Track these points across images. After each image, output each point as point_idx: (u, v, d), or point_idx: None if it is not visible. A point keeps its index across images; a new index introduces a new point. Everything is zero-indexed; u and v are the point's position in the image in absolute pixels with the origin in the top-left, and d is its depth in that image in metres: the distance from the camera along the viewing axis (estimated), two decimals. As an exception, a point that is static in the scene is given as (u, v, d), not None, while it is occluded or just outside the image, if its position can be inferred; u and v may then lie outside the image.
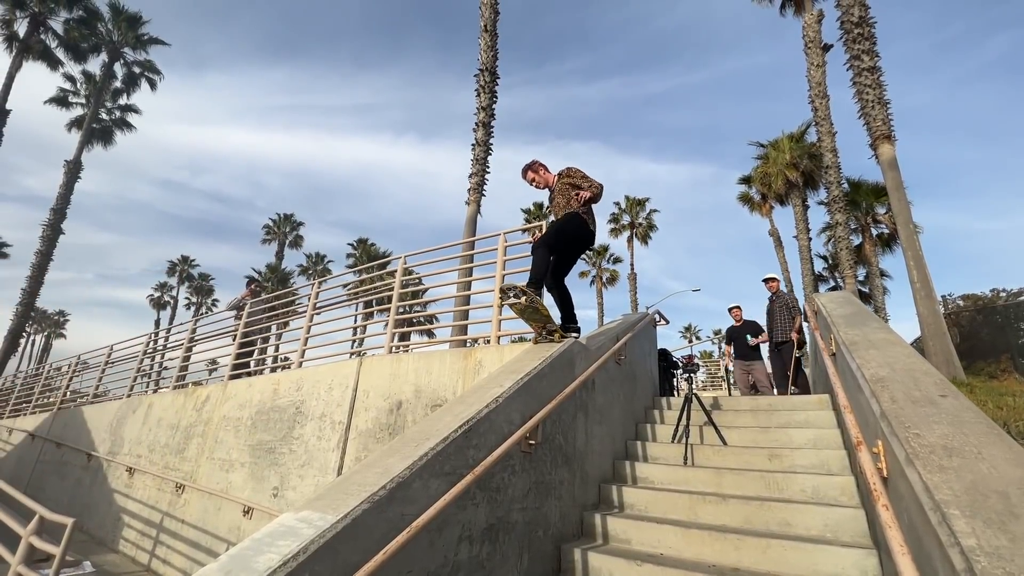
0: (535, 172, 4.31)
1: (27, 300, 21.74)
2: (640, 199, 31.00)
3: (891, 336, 3.10)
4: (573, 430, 3.57)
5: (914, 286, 10.46)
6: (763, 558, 2.72)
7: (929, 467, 1.54)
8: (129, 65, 24.01)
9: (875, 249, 20.34)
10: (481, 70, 13.89)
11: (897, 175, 11.09)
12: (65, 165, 22.47)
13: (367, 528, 1.90)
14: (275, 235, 37.88)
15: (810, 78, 15.77)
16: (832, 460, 3.50)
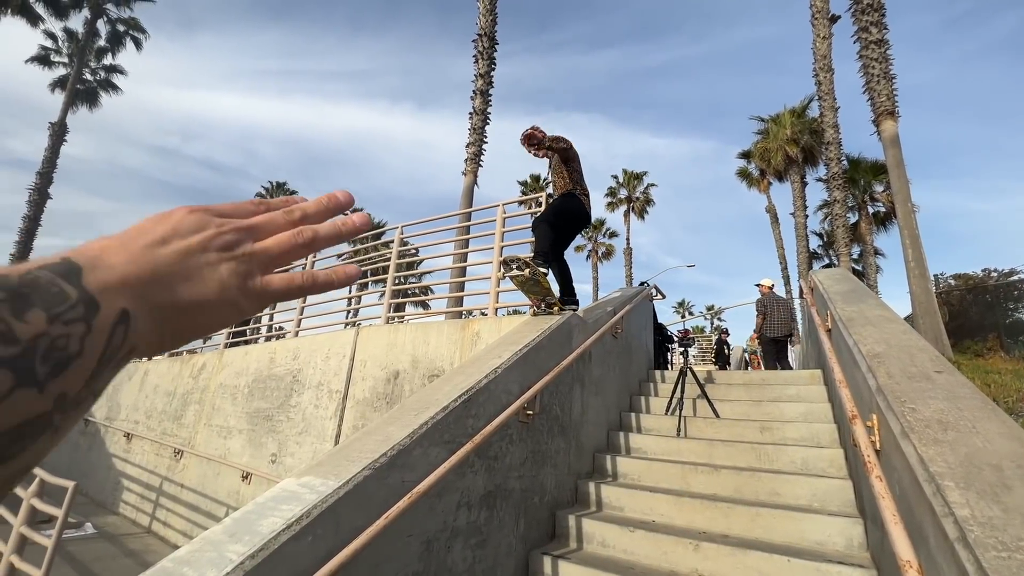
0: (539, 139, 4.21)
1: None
2: (638, 173, 30.69)
3: (888, 313, 3.13)
4: (570, 401, 3.61)
5: (908, 265, 10.53)
6: (752, 525, 2.80)
7: (924, 440, 1.56)
8: (113, 23, 23.08)
9: (871, 227, 20.38)
10: (480, 35, 13.46)
11: (898, 152, 11.00)
12: (50, 127, 21.83)
13: (368, 494, 1.93)
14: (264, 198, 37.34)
15: (815, 50, 15.43)
16: (822, 433, 3.58)
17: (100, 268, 0.22)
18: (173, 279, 0.25)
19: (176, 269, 0.25)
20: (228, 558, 1.51)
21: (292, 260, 0.30)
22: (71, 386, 0.20)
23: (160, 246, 0.25)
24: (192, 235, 0.26)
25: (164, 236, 0.26)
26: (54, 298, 0.20)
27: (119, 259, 0.23)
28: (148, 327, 0.24)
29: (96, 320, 0.21)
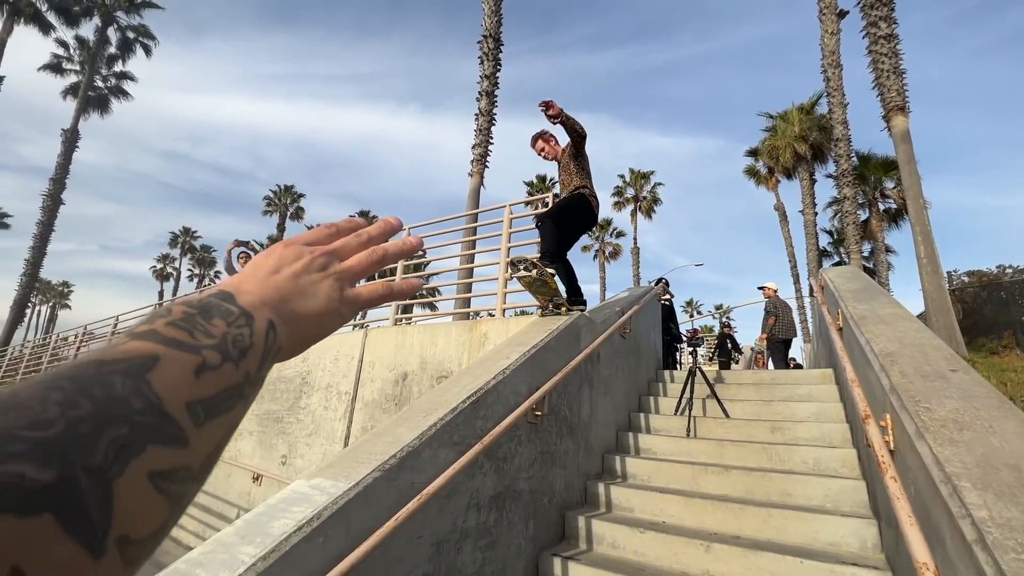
0: (546, 142, 4.18)
1: (31, 271, 21.81)
2: (644, 172, 30.59)
3: (900, 311, 3.08)
4: (578, 402, 3.60)
5: (920, 262, 10.39)
6: (764, 527, 2.78)
7: (940, 440, 1.54)
8: (123, 30, 23.40)
9: (882, 224, 20.14)
10: (484, 36, 13.49)
11: (909, 148, 10.87)
12: (63, 134, 22.16)
13: (378, 495, 1.93)
14: (276, 207, 37.64)
15: (823, 46, 15.28)
16: (834, 433, 3.54)
17: (243, 294, 0.31)
18: (292, 297, 0.33)
19: (292, 288, 0.33)
20: (240, 560, 1.52)
21: (368, 274, 0.38)
22: (251, 366, 0.28)
23: (275, 274, 0.33)
24: (295, 262, 0.34)
25: (275, 267, 0.34)
26: (226, 312, 0.28)
27: (252, 287, 0.32)
28: (284, 333, 0.31)
29: (254, 326, 0.29)
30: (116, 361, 0.22)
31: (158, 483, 0.21)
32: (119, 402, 0.20)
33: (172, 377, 0.23)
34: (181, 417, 0.22)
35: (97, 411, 0.19)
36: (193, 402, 0.23)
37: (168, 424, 0.22)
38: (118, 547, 0.19)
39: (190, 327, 0.26)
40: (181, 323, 0.26)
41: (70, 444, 0.18)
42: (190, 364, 0.24)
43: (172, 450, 0.22)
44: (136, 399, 0.21)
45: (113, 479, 0.19)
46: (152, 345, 0.23)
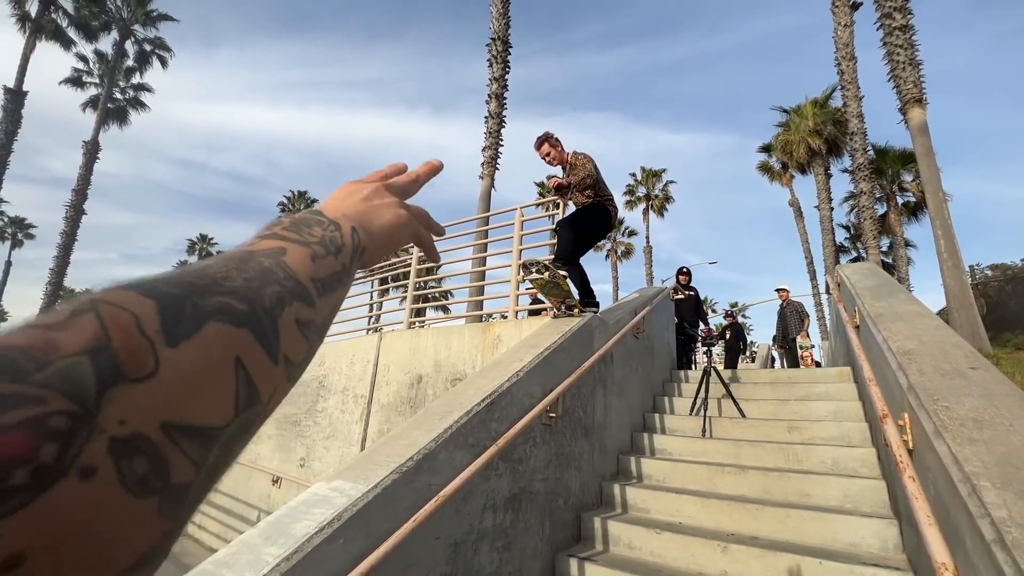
0: (552, 146, 4.12)
1: (56, 280, 22.40)
2: (656, 170, 30.38)
3: (919, 308, 3.04)
4: (592, 403, 3.61)
5: (941, 256, 10.17)
6: (782, 527, 2.76)
7: (959, 439, 1.53)
8: (140, 43, 23.95)
9: (900, 218, 19.74)
10: (493, 39, 13.53)
11: (927, 140, 10.65)
12: (83, 146, 22.75)
13: (396, 497, 1.97)
14: (290, 212, 38.07)
15: (837, 39, 15.05)
16: (853, 432, 3.49)
17: (328, 211, 0.38)
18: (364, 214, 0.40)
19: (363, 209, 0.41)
20: (264, 560, 1.57)
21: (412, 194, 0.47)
22: (345, 260, 0.35)
23: (348, 199, 0.41)
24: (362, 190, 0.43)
25: (346, 194, 0.42)
26: (319, 221, 0.36)
27: (334, 206, 0.40)
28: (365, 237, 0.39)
29: (342, 230, 0.36)
30: (260, 251, 0.30)
31: (301, 328, 0.28)
32: (271, 272, 0.28)
33: (298, 260, 0.31)
34: (309, 285, 0.30)
35: (259, 276, 0.27)
36: (315, 279, 0.31)
37: (302, 288, 0.29)
38: (284, 362, 0.26)
39: (298, 230, 0.34)
40: (292, 228, 0.34)
41: (249, 292, 0.25)
42: (306, 253, 0.32)
43: (306, 307, 0.29)
44: (280, 271, 0.29)
45: (277, 318, 0.26)
46: (278, 241, 0.31)
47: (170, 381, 0.20)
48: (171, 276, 0.23)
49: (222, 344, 0.22)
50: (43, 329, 0.18)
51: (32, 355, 0.17)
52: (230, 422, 0.22)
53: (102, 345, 0.18)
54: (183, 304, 0.22)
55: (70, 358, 0.17)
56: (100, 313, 0.19)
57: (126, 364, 0.18)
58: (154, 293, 0.21)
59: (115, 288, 0.21)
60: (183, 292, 0.22)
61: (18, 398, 0.16)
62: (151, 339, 0.20)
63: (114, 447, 0.17)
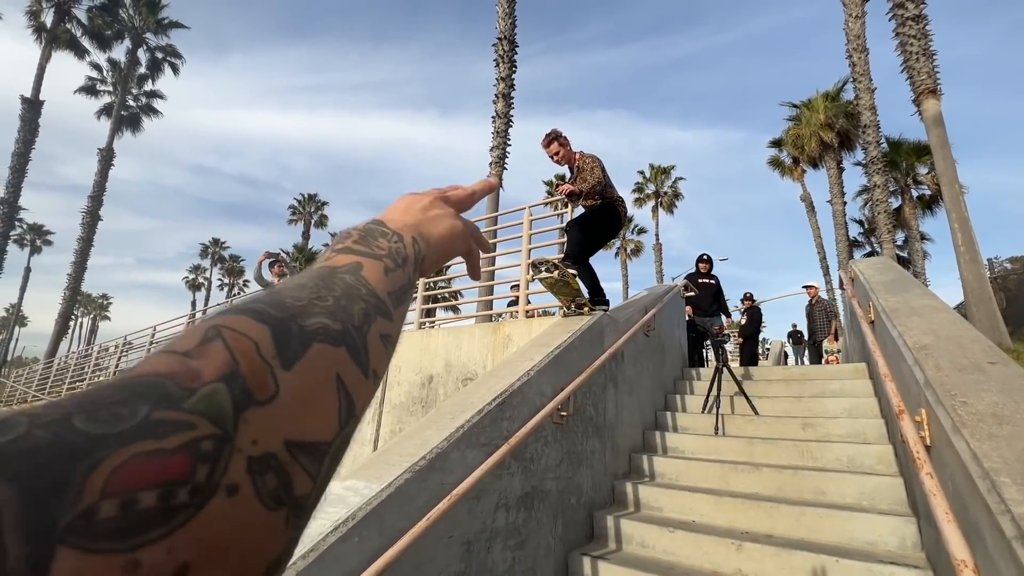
0: (561, 145, 4.06)
1: (73, 285, 22.85)
2: (665, 167, 30.18)
3: (935, 302, 2.99)
4: (603, 401, 3.60)
5: (958, 250, 9.99)
6: (797, 525, 2.73)
7: (978, 435, 1.50)
8: (152, 50, 24.32)
9: (915, 212, 19.40)
10: (499, 39, 13.54)
11: (942, 132, 10.46)
12: (99, 153, 23.16)
13: (410, 496, 1.98)
14: (301, 215, 38.49)
15: (848, 31, 14.83)
16: (869, 429, 3.45)
17: (390, 221, 0.40)
18: (423, 224, 0.42)
19: (422, 219, 0.42)
20: (281, 559, 1.59)
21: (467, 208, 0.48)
22: (410, 271, 0.36)
23: (407, 210, 0.42)
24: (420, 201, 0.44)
25: (406, 206, 0.43)
26: (383, 233, 0.37)
27: (394, 217, 0.41)
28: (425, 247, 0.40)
29: (404, 241, 0.38)
30: (340, 267, 0.32)
31: (383, 341, 0.30)
32: (355, 288, 0.30)
33: (374, 275, 0.32)
34: (387, 300, 0.32)
35: (345, 293, 0.29)
36: (390, 292, 0.33)
37: (382, 303, 0.31)
38: (373, 376, 0.28)
39: (367, 243, 0.35)
40: (361, 240, 0.35)
41: (340, 311, 0.27)
42: (380, 267, 0.33)
43: (387, 321, 0.31)
44: (362, 287, 0.30)
45: (365, 334, 0.28)
46: (353, 256, 0.33)
47: (288, 402, 0.21)
48: (272, 298, 0.25)
49: (325, 363, 0.24)
50: (182, 356, 0.20)
51: (179, 383, 0.19)
52: (336, 435, 0.24)
53: (233, 371, 0.20)
54: (290, 327, 0.24)
55: (210, 384, 0.19)
56: (226, 340, 0.21)
57: (254, 388, 0.20)
58: (265, 318, 0.23)
59: (231, 315, 0.23)
60: (288, 316, 0.24)
61: (175, 424, 0.18)
62: (269, 363, 0.22)
63: (250, 465, 0.19)
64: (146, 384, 0.19)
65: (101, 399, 0.17)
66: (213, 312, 0.24)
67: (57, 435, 0.15)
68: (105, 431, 0.16)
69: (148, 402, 0.18)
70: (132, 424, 0.17)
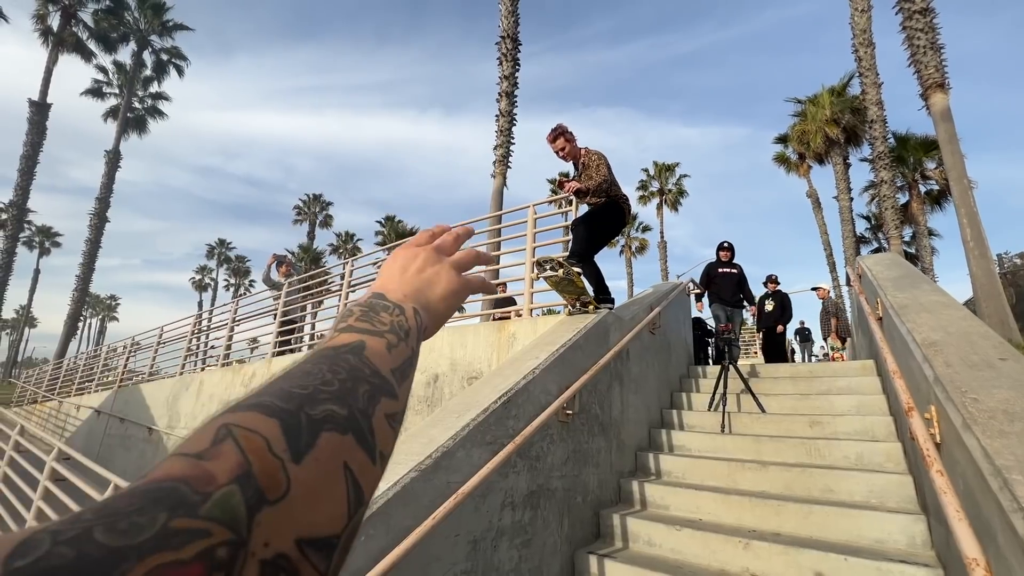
0: (567, 140, 4.05)
1: (82, 286, 23.06)
2: (669, 164, 30.06)
3: (944, 298, 2.96)
4: (609, 399, 3.59)
5: (967, 245, 9.89)
6: (805, 523, 2.72)
7: (989, 432, 1.49)
8: (157, 52, 24.47)
9: (923, 207, 19.23)
10: (502, 37, 13.52)
11: (951, 126, 10.36)
12: (105, 155, 23.34)
13: (416, 495, 1.99)
14: (305, 216, 38.64)
15: (854, 25, 14.70)
16: (877, 426, 3.42)
17: (390, 292, 0.40)
18: (422, 288, 0.42)
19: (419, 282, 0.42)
20: (288, 557, 1.59)
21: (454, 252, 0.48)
22: (413, 343, 0.37)
23: (404, 273, 0.42)
24: (415, 261, 0.44)
25: (403, 267, 0.43)
26: (384, 307, 0.38)
27: (393, 286, 0.41)
28: (425, 316, 0.40)
29: (406, 313, 0.38)
30: (342, 346, 0.32)
31: (389, 421, 0.30)
32: (359, 369, 0.30)
33: (378, 354, 0.32)
34: (391, 378, 0.32)
35: (350, 376, 0.29)
36: (393, 369, 0.33)
37: (386, 383, 0.31)
38: (380, 459, 0.28)
39: (370, 320, 0.35)
40: (364, 318, 0.35)
41: (347, 395, 0.27)
42: (383, 344, 0.34)
43: (392, 400, 0.31)
44: (366, 367, 0.31)
45: (371, 417, 0.28)
46: (356, 335, 0.33)
47: (299, 498, 0.22)
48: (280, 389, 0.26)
49: (333, 453, 0.24)
50: (195, 459, 0.21)
51: (194, 487, 0.19)
52: (345, 527, 0.24)
53: (246, 471, 0.20)
54: (299, 418, 0.24)
55: (224, 488, 0.20)
56: (237, 439, 0.22)
57: (266, 488, 0.21)
58: (274, 412, 0.24)
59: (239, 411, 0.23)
60: (296, 407, 0.24)
61: (191, 533, 0.18)
62: (280, 458, 0.22)
63: (263, 570, 0.19)
64: (163, 490, 0.19)
65: (120, 509, 0.18)
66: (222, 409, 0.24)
67: (80, 552, 0.16)
68: (125, 543, 0.16)
69: (165, 509, 0.18)
70: (151, 534, 0.17)
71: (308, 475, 0.22)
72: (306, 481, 0.22)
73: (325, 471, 0.23)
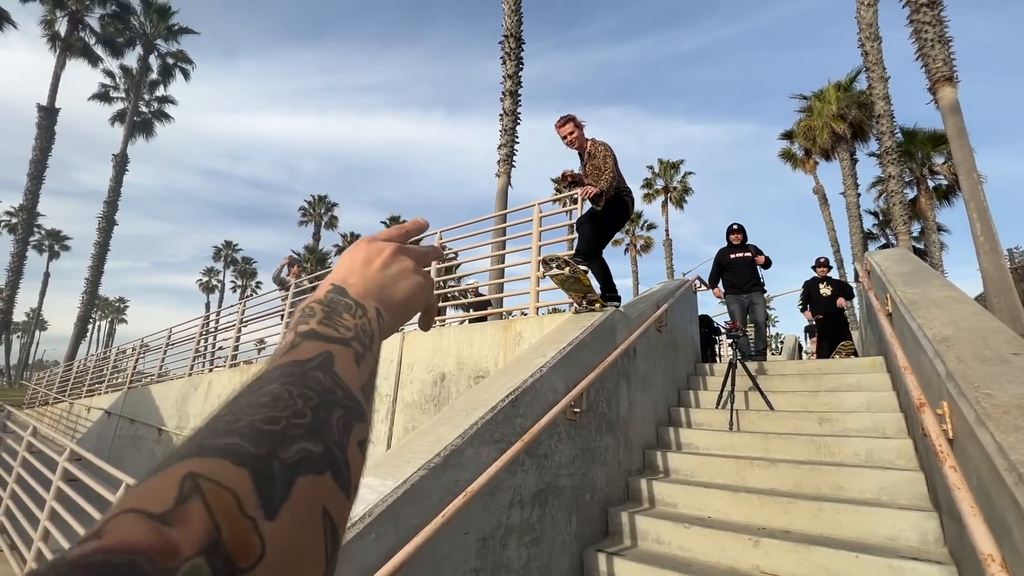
0: (577, 127, 4.00)
1: (91, 289, 23.28)
2: (674, 162, 29.94)
3: (955, 293, 2.94)
4: (616, 397, 3.58)
5: (977, 240, 9.78)
6: (815, 521, 2.70)
7: (1003, 428, 1.47)
8: (163, 56, 24.65)
9: (931, 202, 19.04)
10: (506, 36, 13.51)
11: (959, 120, 10.25)
12: (113, 159, 23.55)
13: (425, 493, 1.99)
14: (311, 217, 38.81)
15: (860, 19, 14.57)
16: (888, 423, 3.40)
17: (351, 286, 0.36)
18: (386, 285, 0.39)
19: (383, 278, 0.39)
20: (300, 555, 1.60)
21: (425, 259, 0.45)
22: (376, 348, 0.34)
23: (368, 266, 0.39)
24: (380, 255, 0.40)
25: (365, 260, 0.39)
26: (347, 306, 0.34)
27: (355, 280, 0.37)
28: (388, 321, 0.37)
29: (368, 314, 0.35)
30: (310, 360, 0.29)
31: (361, 448, 0.27)
32: (331, 392, 0.27)
33: (347, 369, 0.30)
34: (361, 399, 0.29)
35: (322, 401, 0.26)
36: (363, 385, 0.30)
37: (358, 405, 0.29)
38: (353, 491, 0.26)
39: (334, 324, 0.32)
40: (327, 321, 0.32)
41: (320, 426, 0.25)
42: (351, 356, 0.31)
43: (364, 424, 0.29)
44: (338, 389, 0.28)
45: (345, 447, 0.26)
46: (322, 344, 0.30)
47: (275, 560, 0.20)
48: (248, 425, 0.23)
49: (311, 500, 0.22)
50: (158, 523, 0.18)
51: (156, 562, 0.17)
52: None
53: (214, 539, 0.19)
54: (272, 466, 0.22)
55: (191, 561, 0.18)
56: (206, 498, 0.19)
57: (237, 556, 0.19)
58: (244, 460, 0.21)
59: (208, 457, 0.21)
60: (268, 452, 0.22)
61: None
62: (253, 518, 0.20)
63: None
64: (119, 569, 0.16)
65: None
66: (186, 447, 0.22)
67: None
68: None
69: None
70: None
71: (284, 531, 0.20)
72: (282, 538, 0.20)
73: (302, 522, 0.21)
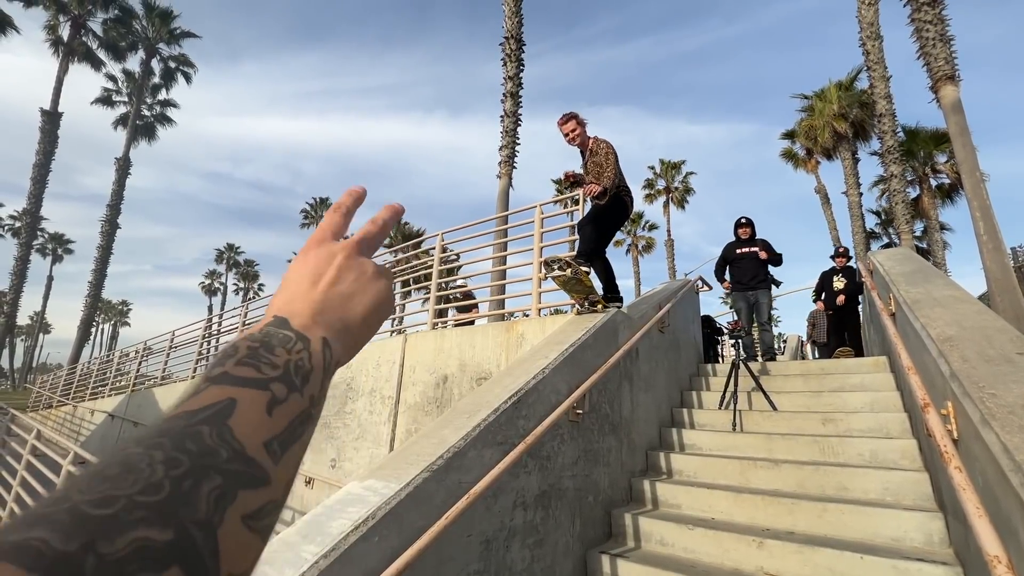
0: (579, 125, 4.03)
1: (94, 292, 23.36)
2: (675, 162, 29.92)
3: (958, 293, 2.92)
4: (619, 399, 3.58)
5: (980, 239, 9.75)
6: (819, 522, 2.69)
7: (1008, 427, 1.46)
8: (165, 60, 24.75)
9: (934, 201, 19.00)
10: (506, 38, 13.53)
11: (961, 119, 10.22)
12: (116, 162, 23.65)
13: (428, 495, 1.99)
14: (313, 219, 38.87)
15: (861, 18, 14.55)
16: (891, 423, 3.39)
17: (295, 316, 0.32)
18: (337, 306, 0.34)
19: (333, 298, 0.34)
20: (303, 558, 1.61)
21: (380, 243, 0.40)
22: (315, 388, 0.30)
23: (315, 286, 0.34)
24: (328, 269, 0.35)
25: (313, 277, 0.35)
26: (284, 339, 0.30)
27: (301, 306, 0.33)
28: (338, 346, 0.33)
29: (311, 347, 0.31)
30: (201, 410, 0.24)
31: (250, 524, 0.22)
32: (210, 454, 0.22)
33: (248, 421, 0.25)
34: (261, 458, 0.24)
35: (193, 466, 0.21)
36: (269, 440, 0.25)
37: (253, 468, 0.24)
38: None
39: (256, 362, 0.28)
40: (248, 360, 0.28)
41: (179, 503, 0.20)
42: (262, 402, 0.26)
43: (258, 491, 0.23)
44: (223, 448, 0.23)
45: (216, 528, 0.21)
46: (227, 389, 0.26)
47: None
48: (69, 514, 0.18)
49: None
50: None
51: None
52: None
53: None
54: (81, 569, 0.16)
55: None
56: None
57: None
58: (39, 564, 0.16)
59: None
60: (81, 547, 0.17)
61: None
62: None
63: None
64: None
65: None
66: None
67: None
68: None
69: None
70: None
71: None
72: None
73: None
